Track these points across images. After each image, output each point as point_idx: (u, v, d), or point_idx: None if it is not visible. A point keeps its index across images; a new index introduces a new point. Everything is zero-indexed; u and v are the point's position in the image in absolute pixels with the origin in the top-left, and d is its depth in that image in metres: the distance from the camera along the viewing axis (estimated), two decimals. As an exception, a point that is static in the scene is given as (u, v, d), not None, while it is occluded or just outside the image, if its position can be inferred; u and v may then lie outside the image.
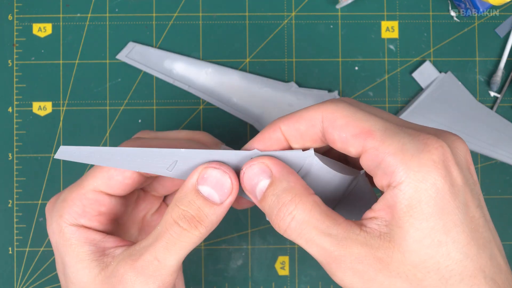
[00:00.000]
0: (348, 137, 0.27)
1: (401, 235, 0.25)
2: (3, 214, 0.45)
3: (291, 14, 0.46)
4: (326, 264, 0.26)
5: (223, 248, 0.45)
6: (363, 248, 0.25)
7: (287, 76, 0.46)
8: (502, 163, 0.46)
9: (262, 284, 0.45)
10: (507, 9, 0.46)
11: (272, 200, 0.28)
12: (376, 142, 0.26)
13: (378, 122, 0.27)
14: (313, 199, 0.27)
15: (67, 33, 0.46)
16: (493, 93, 0.46)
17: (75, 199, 0.32)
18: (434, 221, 0.25)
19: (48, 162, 0.45)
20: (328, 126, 0.28)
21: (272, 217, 0.28)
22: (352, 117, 0.27)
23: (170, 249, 0.29)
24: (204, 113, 0.46)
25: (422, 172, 0.25)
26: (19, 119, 0.45)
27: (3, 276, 0.45)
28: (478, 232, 0.25)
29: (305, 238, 0.27)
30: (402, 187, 0.25)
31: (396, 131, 0.26)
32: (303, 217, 0.27)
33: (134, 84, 0.46)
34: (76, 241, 0.31)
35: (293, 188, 0.28)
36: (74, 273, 0.31)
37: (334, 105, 0.28)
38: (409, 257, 0.25)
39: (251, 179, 0.29)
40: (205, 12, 0.46)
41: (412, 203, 0.25)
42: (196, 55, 0.46)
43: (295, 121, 0.29)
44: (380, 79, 0.46)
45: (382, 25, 0.46)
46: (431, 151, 0.25)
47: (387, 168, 0.26)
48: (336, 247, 0.26)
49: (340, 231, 0.26)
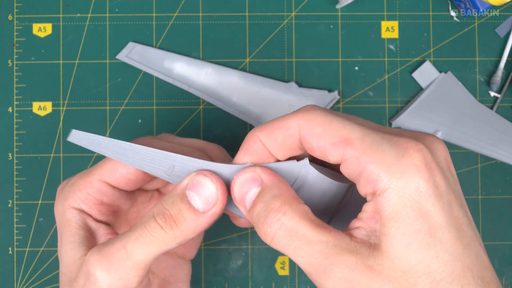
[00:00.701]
0: (327, 146, 0.27)
1: (389, 242, 0.25)
2: (3, 214, 0.45)
3: (291, 14, 0.46)
4: (315, 274, 0.26)
5: (223, 248, 0.45)
6: (354, 256, 0.25)
7: (287, 76, 0.46)
8: (502, 163, 0.46)
9: (262, 284, 0.45)
10: (507, 9, 0.46)
11: (260, 207, 0.27)
12: (356, 152, 0.26)
13: (356, 129, 0.27)
14: (302, 208, 0.27)
15: (67, 33, 0.46)
16: (493, 93, 0.46)
17: (81, 186, 0.33)
18: (419, 224, 0.25)
19: (48, 162, 0.45)
20: (305, 135, 0.28)
21: (259, 224, 0.27)
22: (329, 125, 0.27)
23: (140, 241, 0.29)
24: (204, 113, 0.46)
25: (404, 177, 0.25)
26: (19, 119, 0.45)
27: (3, 276, 0.45)
28: (463, 232, 0.25)
29: (293, 246, 0.26)
30: (386, 194, 0.25)
31: (374, 137, 0.26)
32: (292, 224, 0.26)
33: (134, 84, 0.46)
34: (74, 224, 0.32)
35: (283, 195, 0.27)
36: (63, 251, 0.32)
37: (310, 113, 0.28)
38: (399, 263, 0.25)
39: (241, 187, 0.29)
40: (205, 12, 0.46)
41: (396, 209, 0.25)
42: (196, 55, 0.46)
43: (271, 131, 0.29)
44: (380, 79, 0.46)
45: (382, 25, 0.46)
46: (412, 155, 0.25)
47: (369, 177, 0.26)
48: (326, 256, 0.25)
49: (330, 239, 0.26)
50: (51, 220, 0.45)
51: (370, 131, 0.27)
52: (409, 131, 0.28)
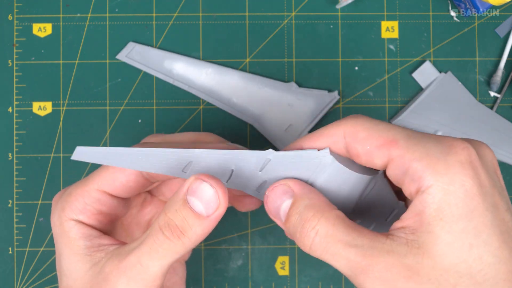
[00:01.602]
0: (372, 149, 0.27)
1: (431, 239, 0.24)
2: (3, 214, 0.45)
3: (291, 14, 0.46)
4: (354, 277, 0.26)
5: (223, 248, 0.45)
6: (390, 256, 0.25)
7: (287, 76, 0.46)
8: (502, 163, 0.46)
9: (262, 284, 0.45)
10: (507, 9, 0.46)
11: (295, 218, 0.28)
12: (401, 150, 0.26)
13: (401, 131, 0.27)
14: (335, 213, 0.27)
15: (67, 33, 0.46)
16: (493, 93, 0.46)
17: (78, 196, 0.32)
18: (464, 223, 0.24)
19: (48, 162, 0.45)
20: (350, 141, 0.28)
21: (296, 235, 0.28)
22: (374, 129, 0.27)
23: (153, 256, 0.29)
24: (204, 113, 0.46)
25: (449, 174, 0.25)
26: (19, 119, 0.45)
27: (3, 276, 0.45)
28: (509, 235, 0.25)
29: (330, 252, 0.26)
30: (430, 191, 0.25)
31: (419, 137, 0.26)
32: (327, 231, 0.26)
33: (134, 84, 0.46)
34: (74, 235, 0.32)
35: (315, 204, 0.28)
36: (67, 265, 0.31)
37: (353, 120, 0.28)
38: (440, 261, 0.24)
39: (274, 201, 0.29)
40: (205, 12, 0.46)
41: (441, 206, 0.24)
42: (196, 55, 0.46)
43: (316, 140, 0.29)
44: (380, 79, 0.46)
45: (382, 25, 0.46)
46: (457, 152, 0.25)
47: (414, 174, 0.25)
48: (362, 258, 0.25)
49: (365, 242, 0.26)
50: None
51: (415, 132, 0.27)
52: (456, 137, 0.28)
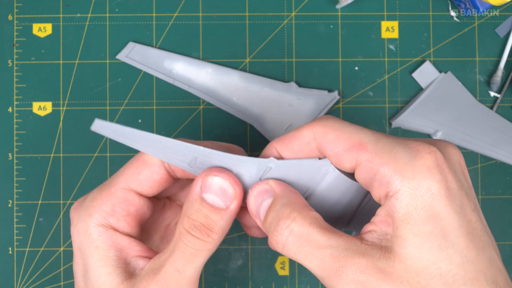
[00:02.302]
0: (341, 152, 0.27)
1: (401, 243, 0.25)
2: (3, 214, 0.45)
3: (291, 14, 0.46)
4: (327, 278, 0.26)
5: (223, 248, 0.45)
6: (365, 258, 0.25)
7: (287, 76, 0.46)
8: (502, 163, 0.46)
9: (262, 284, 0.45)
10: (507, 9, 0.46)
11: (272, 216, 0.28)
12: (369, 155, 0.26)
13: (369, 135, 0.27)
14: (312, 214, 0.27)
15: (67, 33, 0.46)
16: (493, 93, 0.46)
17: (105, 198, 0.31)
18: (431, 226, 0.25)
19: (48, 162, 0.45)
20: (320, 142, 0.28)
21: (270, 233, 0.28)
22: (342, 131, 0.27)
23: (188, 259, 0.29)
24: (204, 113, 0.46)
25: (416, 178, 0.25)
26: (19, 119, 0.45)
27: (3, 276, 0.45)
28: (477, 236, 0.25)
29: (304, 251, 0.26)
30: (398, 195, 0.25)
31: (387, 141, 0.26)
32: (302, 230, 0.26)
33: (134, 84, 0.46)
34: (102, 244, 0.31)
35: (293, 203, 0.28)
36: (97, 277, 0.30)
37: (324, 121, 0.28)
38: (411, 264, 0.25)
39: (255, 200, 0.29)
40: (205, 12, 0.46)
41: (409, 210, 0.25)
42: (196, 55, 0.46)
43: (288, 142, 0.29)
44: (380, 79, 0.46)
45: (382, 25, 0.46)
46: (424, 156, 0.25)
47: (382, 179, 0.26)
48: (336, 259, 0.26)
49: (340, 243, 0.26)
50: (51, 220, 0.45)
51: (382, 136, 0.27)
52: (423, 138, 0.28)
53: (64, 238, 0.45)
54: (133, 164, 0.32)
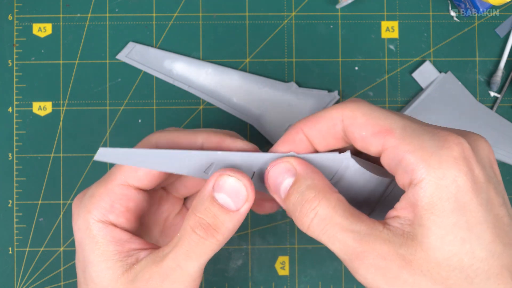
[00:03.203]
0: (368, 136, 0.27)
1: (424, 232, 0.25)
2: (3, 214, 0.45)
3: (291, 14, 0.46)
4: (349, 261, 0.26)
5: (223, 248, 0.45)
6: (386, 244, 0.25)
7: (287, 76, 0.46)
8: (502, 163, 0.46)
9: (262, 284, 0.45)
10: (507, 9, 0.46)
11: (296, 197, 0.28)
12: (396, 140, 0.26)
13: (398, 120, 0.27)
14: (337, 196, 0.27)
15: (67, 33, 0.46)
16: (493, 93, 0.46)
17: (103, 194, 0.31)
18: (456, 218, 0.24)
19: (48, 162, 0.45)
20: (348, 125, 0.28)
21: (295, 214, 0.28)
22: (372, 115, 0.27)
23: (191, 256, 0.29)
24: (204, 113, 0.46)
25: (442, 168, 0.25)
26: (19, 119, 0.45)
27: (3, 276, 0.45)
28: (503, 230, 0.25)
29: (327, 234, 0.26)
30: (422, 184, 0.25)
31: (415, 128, 0.26)
32: (326, 213, 0.27)
33: (134, 84, 0.46)
34: (102, 239, 0.31)
35: (317, 185, 0.28)
36: (97, 272, 0.30)
37: (353, 104, 0.28)
38: (432, 254, 0.25)
39: (275, 177, 0.29)
40: (205, 12, 0.46)
41: (433, 201, 0.25)
42: (196, 55, 0.46)
43: (316, 122, 0.29)
44: (380, 79, 0.46)
45: (382, 25, 0.46)
46: (451, 147, 0.25)
47: (407, 166, 0.26)
48: (359, 243, 0.26)
49: (363, 228, 0.26)
50: (51, 220, 0.45)
51: (411, 122, 0.27)
52: (453, 129, 0.28)
53: (64, 238, 0.45)
54: None
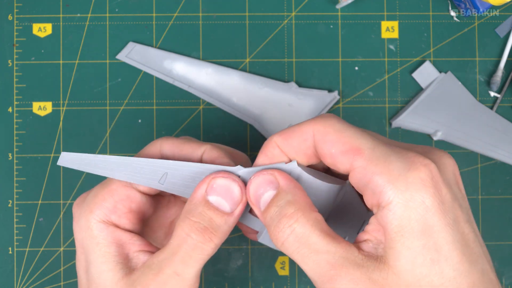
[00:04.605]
0: (337, 153, 0.27)
1: (394, 255, 0.25)
2: (3, 214, 0.45)
3: (291, 14, 0.46)
4: (320, 283, 0.26)
5: (223, 248, 0.45)
6: (359, 269, 0.25)
7: (287, 76, 0.46)
8: (502, 163, 0.46)
9: (262, 284, 0.45)
10: (507, 9, 0.46)
11: (274, 211, 0.28)
12: (364, 161, 0.26)
13: (368, 140, 0.27)
14: (315, 216, 0.27)
15: (67, 33, 0.46)
16: (493, 93, 0.46)
17: (106, 195, 0.31)
18: (425, 239, 0.25)
19: (48, 162, 0.45)
20: (318, 140, 0.28)
21: (271, 228, 0.28)
22: (343, 133, 0.27)
23: (187, 262, 0.29)
24: (204, 113, 0.46)
25: (410, 191, 0.25)
26: (19, 119, 0.45)
27: (3, 276, 0.45)
28: (469, 248, 0.25)
29: (301, 253, 0.26)
30: (391, 207, 0.25)
31: (384, 149, 0.26)
32: (303, 232, 0.26)
33: (134, 84, 0.46)
34: (104, 240, 0.31)
35: (297, 202, 0.27)
36: (98, 273, 0.31)
37: (326, 120, 0.28)
38: (403, 277, 0.25)
39: (257, 188, 0.29)
40: (205, 12, 0.46)
41: (402, 223, 0.25)
42: (196, 55, 0.46)
43: (288, 137, 0.29)
44: (380, 79, 0.46)
45: (382, 25, 0.46)
46: (419, 168, 0.25)
47: (375, 188, 0.26)
48: (332, 266, 0.26)
49: (338, 250, 0.26)
50: (51, 220, 0.45)
51: (380, 143, 0.27)
52: (419, 146, 0.28)
53: (64, 238, 0.45)
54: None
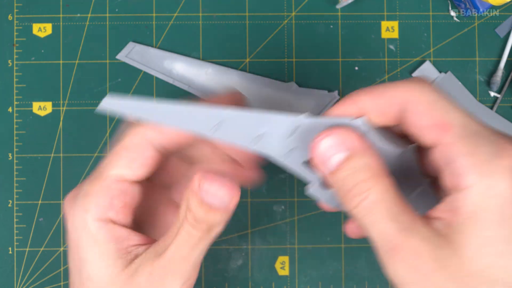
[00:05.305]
0: (425, 126, 0.26)
1: (462, 240, 0.24)
2: (3, 214, 0.45)
3: (291, 14, 0.46)
4: (384, 251, 0.25)
5: (223, 248, 0.45)
6: (425, 243, 0.24)
7: (287, 76, 0.46)
8: (502, 163, 0.46)
9: (262, 284, 0.45)
10: (507, 9, 0.46)
11: (347, 173, 0.27)
12: (452, 139, 0.25)
13: (459, 117, 0.26)
14: (389, 181, 0.26)
15: (67, 33, 0.46)
16: (493, 93, 0.46)
17: (99, 192, 0.31)
18: (497, 230, 0.24)
19: (48, 162, 0.45)
20: (409, 109, 0.27)
21: (343, 189, 0.27)
22: (435, 105, 0.26)
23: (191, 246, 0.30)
24: (204, 113, 0.46)
25: (492, 179, 0.24)
26: (19, 119, 0.45)
27: (3, 276, 0.45)
28: None
29: (372, 218, 0.26)
30: (469, 191, 0.24)
31: (474, 129, 0.25)
32: (377, 198, 0.26)
33: (134, 84, 0.46)
34: (102, 238, 0.30)
35: (373, 166, 0.26)
36: (96, 270, 0.30)
37: (419, 88, 0.27)
38: (467, 263, 0.24)
39: (327, 148, 0.27)
40: (205, 12, 0.46)
41: (476, 210, 0.24)
42: (196, 55, 0.46)
43: (376, 97, 0.28)
44: (380, 79, 0.46)
45: (382, 25, 0.46)
46: (506, 158, 0.24)
47: (457, 169, 0.25)
48: (398, 235, 0.25)
49: (406, 220, 0.25)
50: (51, 220, 0.45)
51: (472, 121, 0.26)
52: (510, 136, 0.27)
53: (64, 238, 0.45)
54: (120, 152, 0.31)
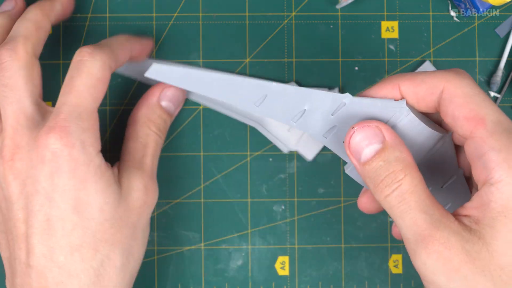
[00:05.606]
0: (460, 117, 0.27)
1: (493, 234, 0.25)
2: (3, 214, 0.45)
3: (291, 14, 0.46)
4: (413, 242, 0.26)
5: (223, 248, 0.45)
6: (455, 236, 0.25)
7: (287, 76, 0.46)
8: (502, 163, 0.46)
9: (262, 284, 0.45)
10: (507, 9, 0.46)
11: (380, 165, 0.27)
12: (485, 133, 0.26)
13: (493, 113, 0.26)
14: (419, 175, 0.27)
15: (67, 33, 0.46)
16: (493, 93, 0.46)
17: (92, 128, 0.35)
18: None
19: (48, 162, 0.45)
20: (446, 99, 0.28)
21: (376, 181, 0.27)
22: (471, 99, 0.27)
23: (157, 154, 0.40)
24: (204, 113, 0.46)
25: None
26: (19, 119, 0.45)
27: (3, 276, 0.45)
28: None
29: (402, 208, 0.26)
30: (500, 186, 0.25)
31: (507, 127, 0.26)
32: (408, 189, 0.26)
33: (134, 84, 0.46)
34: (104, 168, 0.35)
35: (405, 159, 0.27)
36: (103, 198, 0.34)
37: (458, 79, 0.28)
38: (497, 257, 0.24)
39: (361, 140, 0.28)
40: (205, 12, 0.46)
41: (508, 204, 0.24)
42: (196, 55, 0.46)
43: (416, 85, 0.29)
44: (380, 79, 0.46)
45: (382, 25, 0.46)
46: None
47: (488, 163, 0.25)
48: (429, 226, 0.25)
49: (436, 213, 0.26)
50: (51, 220, 0.45)
51: (505, 119, 0.26)
52: None
53: (64, 238, 0.45)
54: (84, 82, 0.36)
